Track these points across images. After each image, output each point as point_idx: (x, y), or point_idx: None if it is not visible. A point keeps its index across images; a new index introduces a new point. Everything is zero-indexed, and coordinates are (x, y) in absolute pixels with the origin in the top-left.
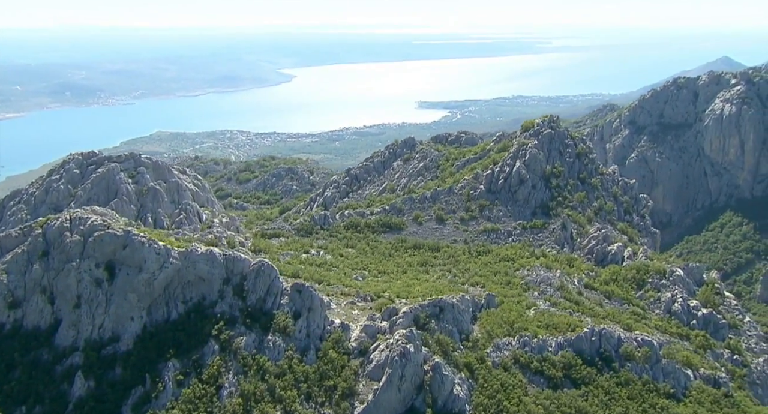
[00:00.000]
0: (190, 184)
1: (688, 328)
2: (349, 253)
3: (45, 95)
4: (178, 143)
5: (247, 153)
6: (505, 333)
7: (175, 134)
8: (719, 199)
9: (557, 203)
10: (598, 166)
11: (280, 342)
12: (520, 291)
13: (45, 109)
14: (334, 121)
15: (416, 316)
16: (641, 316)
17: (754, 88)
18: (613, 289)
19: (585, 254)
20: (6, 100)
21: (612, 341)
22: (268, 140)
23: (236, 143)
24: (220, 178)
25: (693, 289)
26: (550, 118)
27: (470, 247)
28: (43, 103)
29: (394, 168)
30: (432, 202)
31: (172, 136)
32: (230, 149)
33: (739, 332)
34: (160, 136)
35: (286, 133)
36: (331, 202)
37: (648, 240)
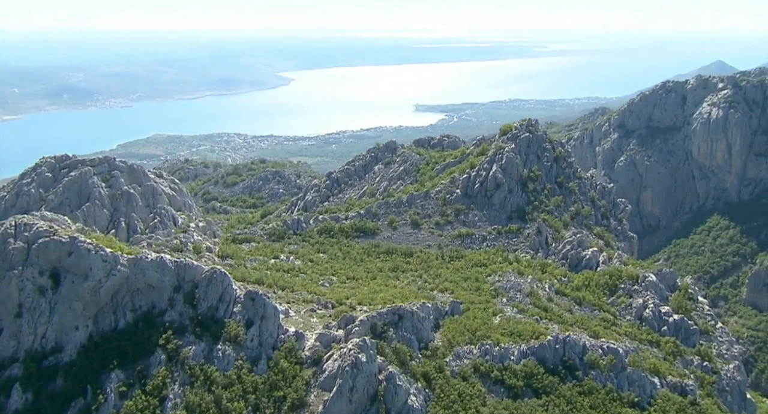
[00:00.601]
0: (166, 188)
1: (658, 335)
2: (320, 258)
3: (42, 97)
4: (174, 146)
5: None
6: (466, 341)
7: (172, 137)
8: (707, 203)
9: (533, 208)
10: (576, 169)
11: (230, 351)
12: (489, 297)
13: (42, 111)
14: (332, 124)
15: (373, 324)
16: (611, 322)
17: (741, 92)
18: (584, 295)
19: (559, 259)
20: (3, 103)
21: (576, 349)
22: (265, 143)
23: (233, 146)
24: (207, 181)
25: (666, 295)
26: (529, 122)
27: (443, 253)
28: (40, 106)
29: (376, 172)
30: (408, 206)
31: (169, 138)
32: (227, 152)
33: (711, 338)
34: (157, 139)
35: (283, 136)
36: (311, 206)
37: (625, 245)
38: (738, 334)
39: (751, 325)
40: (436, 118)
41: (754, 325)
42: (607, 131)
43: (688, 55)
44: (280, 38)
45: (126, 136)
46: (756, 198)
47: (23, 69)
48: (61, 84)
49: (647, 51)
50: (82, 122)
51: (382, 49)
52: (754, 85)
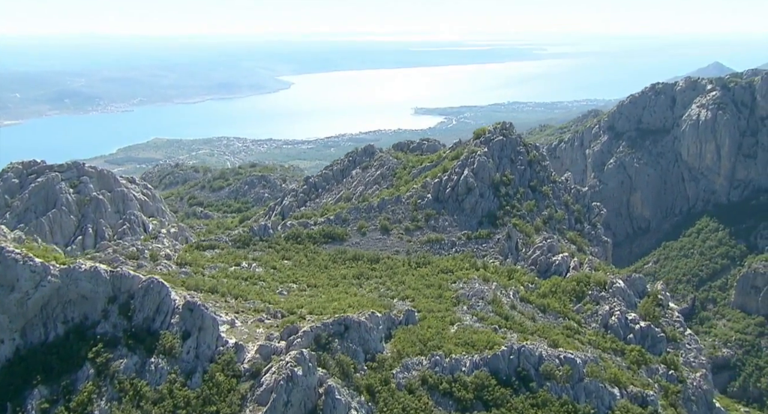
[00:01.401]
0: (138, 194)
1: (623, 343)
2: (283, 265)
3: (44, 102)
4: (174, 150)
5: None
6: (417, 352)
7: (172, 141)
8: (697, 205)
9: (505, 212)
10: (550, 173)
11: (163, 365)
12: (449, 305)
13: (43, 116)
14: (331, 128)
15: (317, 335)
16: (575, 330)
17: (729, 94)
18: (549, 302)
19: (528, 265)
20: (4, 107)
21: (532, 359)
22: (264, 147)
23: (232, 150)
24: (194, 186)
25: (634, 302)
26: (503, 125)
27: (410, 259)
28: (41, 111)
29: (353, 176)
30: (378, 211)
31: (169, 143)
32: (226, 156)
33: (679, 346)
34: (156, 143)
35: (282, 140)
36: (288, 211)
37: (599, 249)
38: (726, 338)
39: (739, 329)
40: (435, 121)
41: (742, 329)
42: (597, 133)
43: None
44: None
45: (126, 140)
46: (745, 200)
47: (25, 74)
48: (63, 89)
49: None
50: (83, 127)
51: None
52: (743, 86)
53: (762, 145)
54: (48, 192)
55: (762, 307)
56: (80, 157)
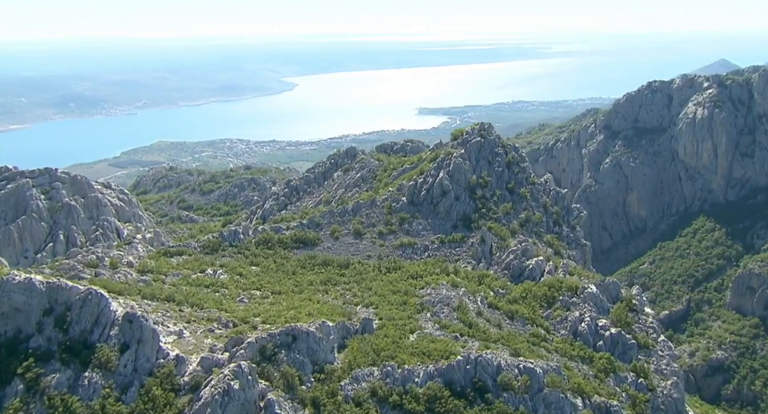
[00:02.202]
0: (114, 199)
1: (592, 350)
2: (250, 271)
3: (49, 107)
4: (178, 152)
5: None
6: (369, 362)
7: (176, 143)
8: (693, 204)
9: (480, 215)
10: (529, 175)
11: (97, 379)
12: (413, 312)
13: (49, 120)
14: (335, 129)
15: (262, 346)
16: (542, 338)
17: (726, 91)
18: (517, 308)
19: (502, 270)
20: (10, 112)
21: (489, 369)
22: (267, 148)
23: (235, 152)
24: (185, 189)
25: (607, 307)
26: (481, 126)
27: (380, 264)
28: (46, 115)
29: (334, 179)
30: (353, 215)
31: (173, 145)
32: (229, 158)
33: (651, 353)
34: (160, 146)
35: (286, 141)
36: (269, 215)
37: (577, 253)
38: (721, 340)
39: (734, 330)
40: (438, 121)
41: (737, 330)
42: (593, 133)
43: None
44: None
45: (130, 143)
46: (742, 199)
47: (30, 79)
48: (68, 93)
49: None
50: (87, 130)
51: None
52: (740, 83)
53: (759, 144)
54: (18, 198)
55: (757, 308)
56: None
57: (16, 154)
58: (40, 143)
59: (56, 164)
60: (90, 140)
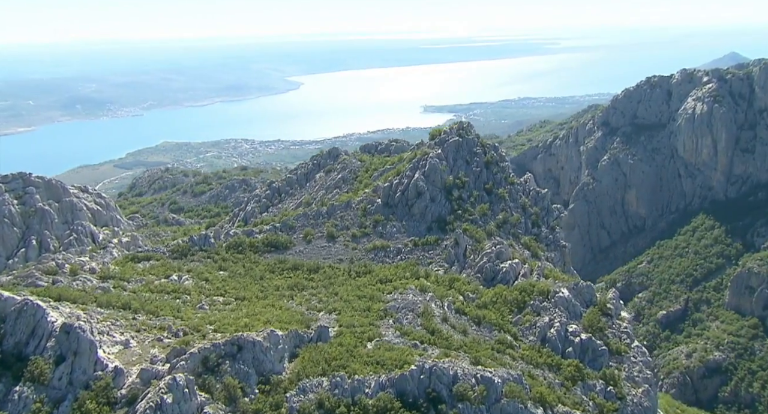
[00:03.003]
0: (90, 203)
1: (560, 357)
2: (217, 276)
3: (56, 109)
4: (182, 153)
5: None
6: (319, 372)
7: (180, 144)
8: (693, 202)
9: (456, 217)
10: (508, 175)
11: (29, 393)
12: (375, 319)
13: (56, 122)
14: (340, 128)
15: (205, 356)
16: (508, 344)
17: (726, 86)
18: (486, 313)
19: (475, 273)
20: (18, 115)
21: (445, 379)
22: (272, 148)
23: (240, 152)
24: (177, 191)
25: (580, 312)
26: (460, 125)
27: (351, 268)
28: (53, 117)
29: (317, 180)
30: (327, 217)
31: (177, 146)
32: (233, 158)
33: (623, 359)
34: (165, 147)
35: (290, 141)
36: (250, 217)
37: (556, 255)
38: (719, 340)
39: (733, 331)
40: (444, 118)
41: (735, 331)
42: (591, 129)
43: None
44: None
45: (136, 144)
46: (743, 196)
47: (38, 81)
48: (74, 95)
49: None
50: (93, 132)
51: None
52: (740, 77)
53: (760, 139)
54: None
55: (756, 308)
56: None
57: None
58: (47, 145)
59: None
60: (96, 142)
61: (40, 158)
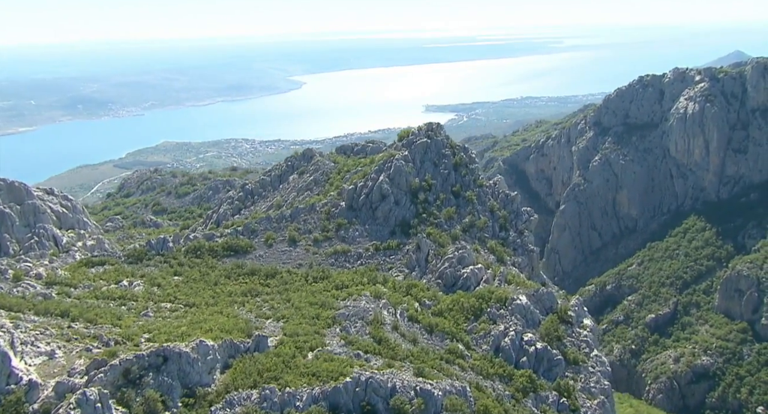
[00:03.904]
0: (55, 206)
1: (513, 368)
2: (170, 282)
3: (58, 109)
4: (182, 153)
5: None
6: (250, 384)
7: (180, 144)
8: (685, 203)
9: (420, 220)
10: (477, 177)
11: None
12: (322, 327)
13: (57, 122)
14: (341, 127)
15: (127, 368)
16: (458, 354)
17: (718, 85)
18: (439, 321)
19: (435, 279)
20: (19, 114)
21: (381, 391)
22: (272, 148)
23: (240, 152)
24: (161, 191)
25: (538, 320)
26: (429, 126)
27: (308, 273)
28: (55, 117)
29: (290, 182)
30: (290, 221)
31: (178, 146)
32: (233, 158)
33: (580, 369)
34: (165, 147)
35: (291, 140)
36: (222, 219)
37: (523, 259)
38: (707, 345)
39: (721, 335)
40: (445, 118)
41: (723, 335)
42: (583, 129)
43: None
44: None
45: (136, 144)
46: (735, 197)
47: (40, 81)
48: (76, 95)
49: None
50: (94, 132)
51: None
52: (733, 77)
53: (753, 139)
54: None
55: (745, 312)
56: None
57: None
58: (48, 145)
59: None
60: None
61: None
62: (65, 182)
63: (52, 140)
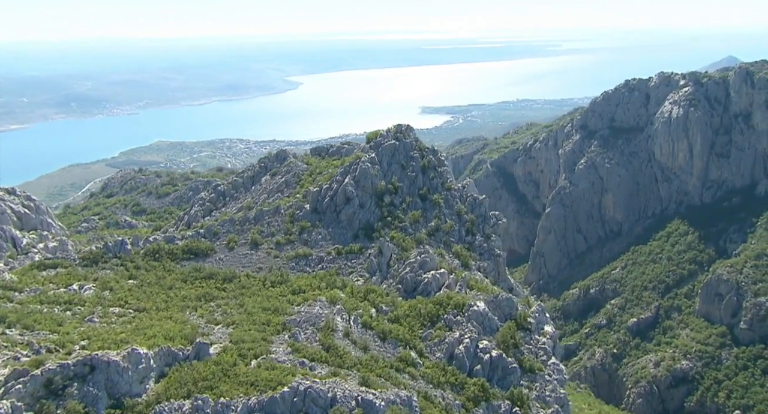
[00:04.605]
0: (17, 206)
1: (466, 376)
2: (123, 286)
3: (50, 106)
4: (176, 152)
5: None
6: (183, 394)
7: (175, 143)
8: (669, 207)
9: (385, 224)
10: (446, 180)
11: None
12: (270, 333)
13: (49, 120)
14: (337, 128)
15: (49, 379)
16: (410, 362)
17: (702, 89)
18: (394, 328)
19: (396, 284)
20: (11, 112)
21: (320, 402)
22: (267, 148)
23: (234, 152)
24: (142, 192)
25: (496, 326)
26: (398, 128)
27: (266, 277)
28: (47, 115)
29: (262, 183)
30: (254, 223)
31: (171, 145)
32: (227, 158)
33: (536, 377)
34: (159, 146)
35: (285, 141)
36: (193, 221)
37: (489, 264)
38: (686, 349)
39: (701, 339)
40: (441, 119)
41: (703, 339)
42: (569, 132)
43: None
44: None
45: (130, 143)
46: (718, 201)
47: (33, 78)
48: (70, 92)
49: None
50: (87, 130)
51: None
52: (716, 81)
53: (735, 144)
54: None
55: (725, 316)
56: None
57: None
58: (40, 143)
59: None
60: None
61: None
62: (56, 181)
63: (45, 138)
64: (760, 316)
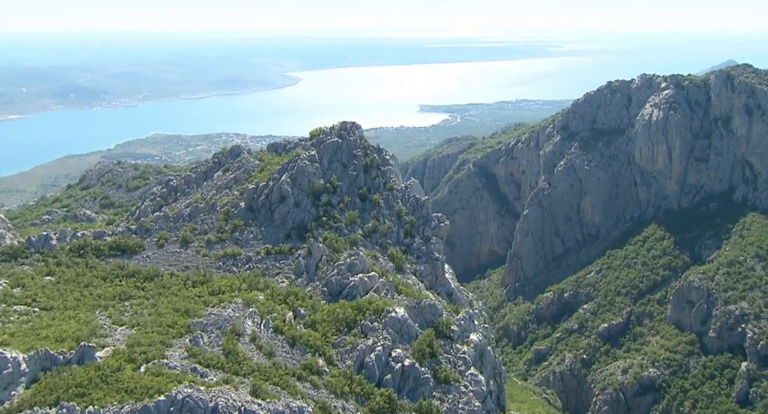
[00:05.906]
0: None
1: (374, 386)
2: (37, 283)
3: (49, 97)
4: (172, 146)
5: None
6: (52, 401)
7: (171, 137)
8: (647, 211)
9: (319, 224)
10: (388, 180)
11: None
12: (172, 337)
13: (48, 111)
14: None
15: None
16: (314, 370)
17: (683, 93)
18: (305, 333)
19: (322, 286)
20: (9, 102)
21: (199, 411)
22: (263, 143)
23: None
24: (112, 185)
25: (415, 334)
26: (343, 125)
27: (189, 277)
28: (45, 105)
29: (214, 179)
30: (188, 220)
31: (168, 138)
32: None
33: (451, 388)
34: (156, 139)
35: (282, 136)
36: (143, 216)
37: (427, 267)
38: (655, 356)
39: (670, 347)
40: (439, 118)
41: (672, 347)
42: (551, 134)
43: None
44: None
45: (127, 135)
46: (695, 206)
47: (32, 69)
48: (69, 84)
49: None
50: (85, 122)
51: (394, 49)
52: (697, 84)
53: (715, 148)
54: None
55: (695, 323)
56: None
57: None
58: (37, 134)
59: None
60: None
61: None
62: (50, 172)
63: (42, 129)
64: (729, 325)
